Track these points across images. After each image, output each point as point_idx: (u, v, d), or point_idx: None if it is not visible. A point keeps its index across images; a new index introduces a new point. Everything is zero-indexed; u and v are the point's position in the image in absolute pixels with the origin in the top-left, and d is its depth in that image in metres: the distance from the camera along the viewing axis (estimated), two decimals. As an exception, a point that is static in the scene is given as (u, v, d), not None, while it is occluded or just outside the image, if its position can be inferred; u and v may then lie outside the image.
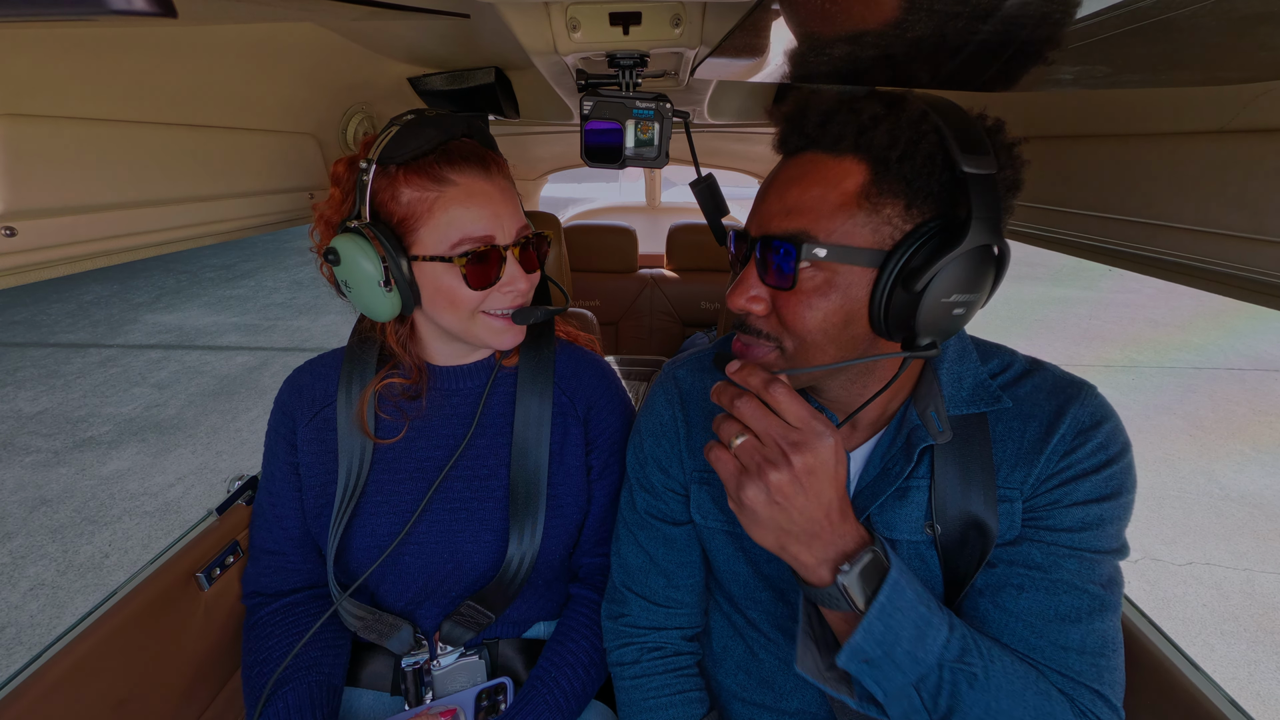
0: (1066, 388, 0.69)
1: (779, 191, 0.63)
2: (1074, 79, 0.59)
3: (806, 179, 0.61)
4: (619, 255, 2.84)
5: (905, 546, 0.72)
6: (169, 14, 0.36)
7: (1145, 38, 0.40)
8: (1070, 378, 0.71)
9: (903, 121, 0.57)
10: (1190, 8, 0.34)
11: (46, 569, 2.80)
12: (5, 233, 0.55)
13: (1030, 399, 0.70)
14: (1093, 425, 0.66)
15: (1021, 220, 0.91)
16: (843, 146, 0.59)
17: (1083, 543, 0.65)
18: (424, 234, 0.78)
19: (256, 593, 0.97)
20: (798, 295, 0.62)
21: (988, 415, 0.70)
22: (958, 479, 0.69)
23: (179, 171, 0.75)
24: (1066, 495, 0.65)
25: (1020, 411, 0.69)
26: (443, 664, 0.93)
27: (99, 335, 5.71)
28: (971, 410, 0.70)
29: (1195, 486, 3.39)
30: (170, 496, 3.30)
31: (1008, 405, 0.69)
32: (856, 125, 0.59)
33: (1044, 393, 0.70)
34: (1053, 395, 0.69)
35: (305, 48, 0.86)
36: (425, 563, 0.90)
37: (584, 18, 0.72)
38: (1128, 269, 0.78)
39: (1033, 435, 0.68)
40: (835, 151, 0.60)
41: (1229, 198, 0.58)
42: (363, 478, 0.90)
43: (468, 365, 0.96)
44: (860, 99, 0.61)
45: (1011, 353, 0.76)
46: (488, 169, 0.81)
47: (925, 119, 0.57)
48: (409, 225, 0.78)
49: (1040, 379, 0.71)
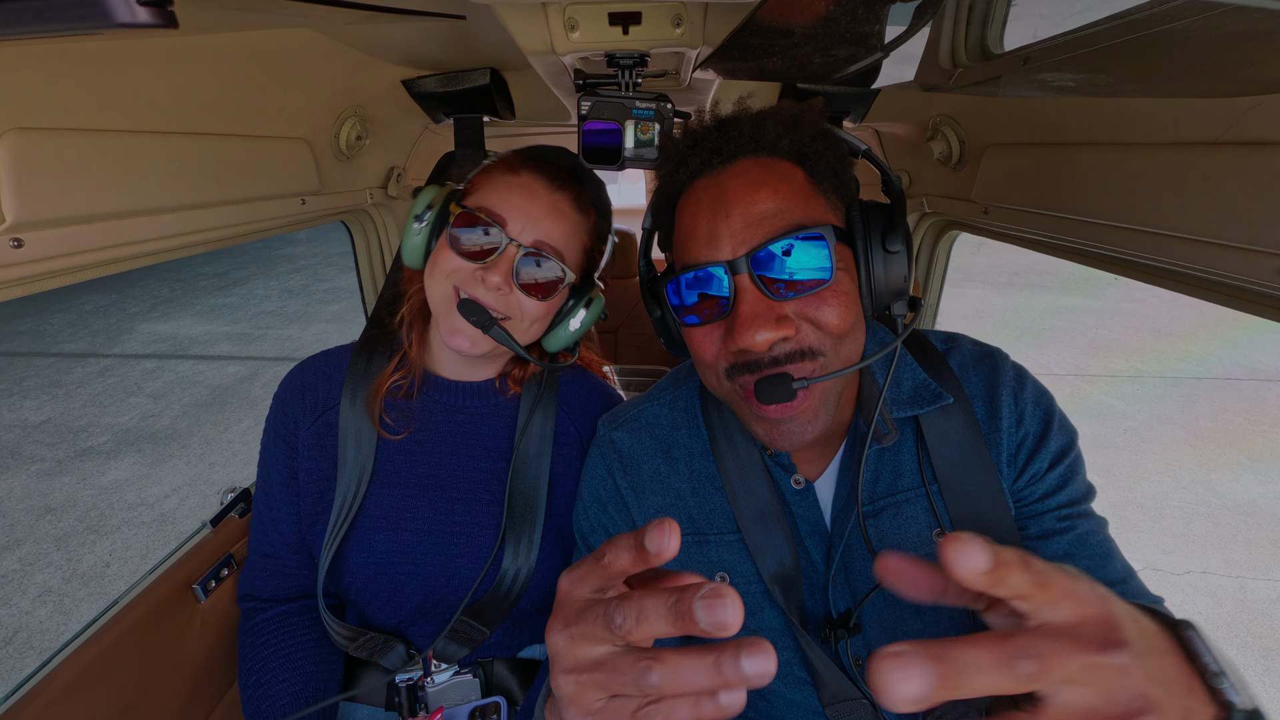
0: (984, 358, 0.73)
1: (742, 201, 0.59)
2: (1076, 86, 0.59)
3: (766, 180, 0.60)
4: (618, 259, 2.78)
5: None
6: (171, 25, 0.36)
7: (1142, 49, 0.41)
8: (983, 347, 0.75)
9: (808, 119, 0.63)
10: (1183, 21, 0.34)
11: (53, 576, 2.82)
12: (13, 244, 0.56)
13: (962, 378, 0.72)
14: (1020, 385, 0.70)
15: (1028, 226, 0.91)
16: (780, 148, 0.63)
17: (1067, 499, 0.68)
18: (471, 197, 0.84)
19: (251, 595, 0.96)
20: (834, 286, 0.59)
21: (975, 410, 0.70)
22: (961, 475, 0.68)
23: (179, 180, 0.75)
24: (1040, 464, 0.68)
25: (966, 394, 0.71)
26: (437, 681, 0.92)
27: (97, 345, 5.71)
28: (915, 411, 0.69)
29: (1194, 496, 3.43)
30: (166, 507, 3.33)
31: (948, 401, 0.69)
32: (785, 126, 0.63)
33: (970, 368, 0.73)
34: (978, 369, 0.72)
35: (301, 53, 0.86)
36: (420, 584, 0.88)
37: (582, 18, 0.72)
38: (1134, 278, 0.79)
39: (982, 414, 0.70)
40: (774, 153, 0.63)
41: (1224, 208, 0.59)
42: (364, 487, 0.88)
43: (474, 384, 0.94)
44: (771, 109, 0.65)
45: (929, 334, 0.78)
46: (556, 183, 0.83)
47: (820, 115, 0.64)
48: (474, 187, 0.85)
49: (959, 356, 0.74)
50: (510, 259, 0.79)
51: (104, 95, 0.63)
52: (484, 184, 0.84)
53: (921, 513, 0.69)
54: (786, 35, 0.61)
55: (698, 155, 0.64)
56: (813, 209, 0.61)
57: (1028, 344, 5.70)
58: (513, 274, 0.79)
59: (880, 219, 0.62)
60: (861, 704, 0.70)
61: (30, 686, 0.77)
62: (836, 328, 0.59)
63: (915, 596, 0.33)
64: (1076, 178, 0.79)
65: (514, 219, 0.80)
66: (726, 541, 0.74)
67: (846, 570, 0.71)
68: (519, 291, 0.80)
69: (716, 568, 0.74)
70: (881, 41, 0.56)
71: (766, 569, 0.70)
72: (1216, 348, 5.61)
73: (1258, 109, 0.56)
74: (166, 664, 0.94)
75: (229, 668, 1.06)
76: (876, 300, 0.63)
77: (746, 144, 0.62)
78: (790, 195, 0.60)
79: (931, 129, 1.10)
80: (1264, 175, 0.55)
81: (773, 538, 0.70)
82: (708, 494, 0.75)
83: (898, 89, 0.97)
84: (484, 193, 0.82)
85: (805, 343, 0.59)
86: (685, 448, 0.78)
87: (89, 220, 0.63)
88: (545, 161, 0.86)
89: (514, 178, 0.83)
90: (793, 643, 0.72)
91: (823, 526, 0.72)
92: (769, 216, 0.59)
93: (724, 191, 0.61)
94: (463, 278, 0.80)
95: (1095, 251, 0.80)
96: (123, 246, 0.69)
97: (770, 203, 0.59)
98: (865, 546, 0.70)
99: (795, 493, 0.72)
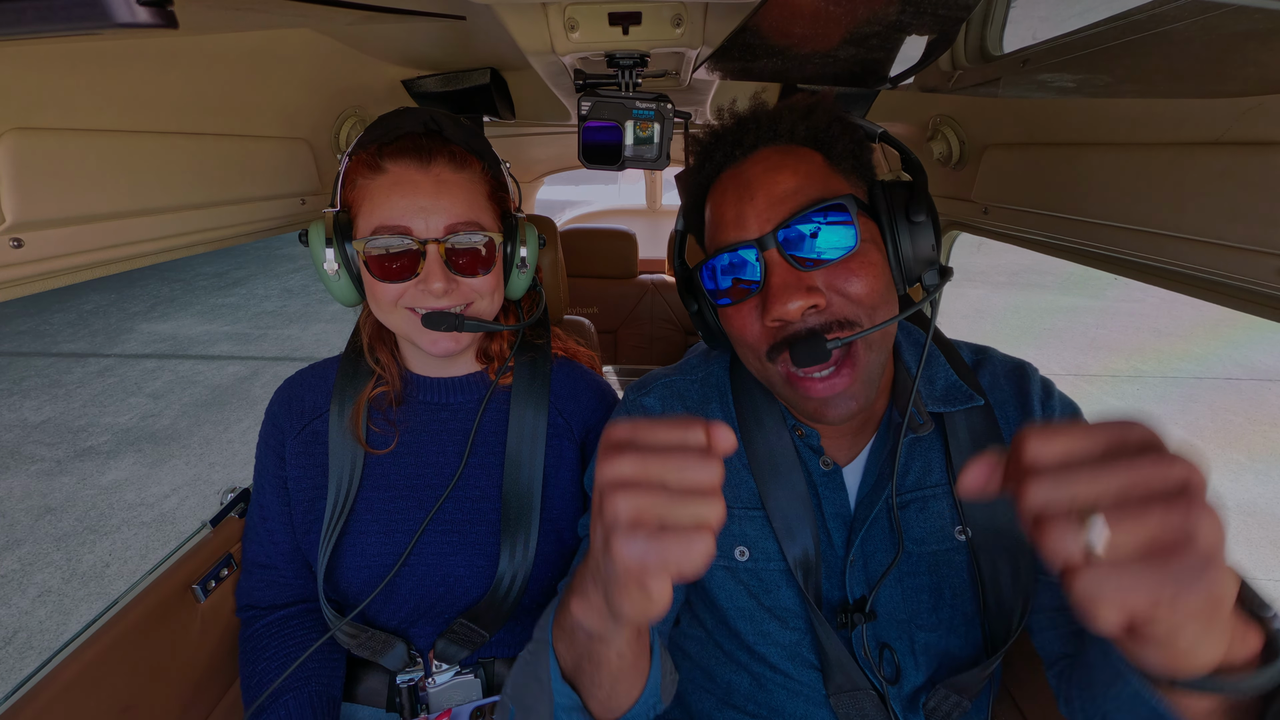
0: (1015, 370, 0.75)
1: (765, 184, 0.63)
2: (1076, 86, 0.59)
3: (786, 163, 0.63)
4: (618, 260, 2.72)
5: (939, 555, 0.71)
6: (171, 25, 0.36)
7: (1142, 49, 0.41)
8: (1013, 360, 0.76)
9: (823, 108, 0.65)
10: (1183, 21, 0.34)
11: (52, 577, 2.82)
12: (13, 244, 0.56)
13: (993, 388, 0.74)
14: (1047, 395, 0.71)
15: (1028, 226, 0.91)
16: (797, 136, 0.65)
17: None
18: (359, 220, 0.79)
19: (250, 605, 0.96)
20: (859, 255, 0.61)
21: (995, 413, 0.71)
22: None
23: (179, 180, 0.75)
24: None
25: (996, 402, 0.72)
26: (438, 682, 0.92)
27: (97, 345, 5.70)
28: (947, 409, 0.71)
29: None
30: (166, 508, 3.32)
31: (980, 403, 0.71)
32: (800, 115, 0.65)
33: (1001, 379, 0.74)
34: (1009, 379, 0.74)
35: (301, 53, 0.86)
36: (417, 585, 0.88)
37: (582, 18, 0.72)
38: (1134, 278, 0.79)
39: (1014, 422, 0.71)
40: (791, 141, 0.65)
41: (1224, 209, 0.59)
42: (353, 493, 0.88)
43: (456, 379, 0.94)
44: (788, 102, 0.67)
45: (959, 345, 0.79)
46: (425, 160, 0.77)
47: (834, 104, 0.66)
48: (353, 211, 0.80)
49: (990, 367, 0.76)
50: (437, 259, 0.77)
51: (104, 95, 0.63)
52: (361, 198, 0.79)
53: (947, 509, 0.71)
54: (786, 35, 0.61)
55: (720, 150, 0.67)
56: (833, 184, 0.64)
57: (1028, 344, 5.69)
58: (446, 269, 0.78)
59: (903, 194, 0.64)
60: (868, 694, 0.70)
61: (30, 686, 0.77)
62: (866, 297, 0.61)
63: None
64: (1076, 178, 0.79)
65: (412, 219, 0.77)
66: (750, 517, 0.74)
67: (865, 557, 0.72)
68: (462, 278, 0.80)
69: (739, 541, 0.74)
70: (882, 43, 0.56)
71: (790, 550, 0.71)
72: (1216, 348, 5.61)
73: (1258, 109, 0.56)
74: (166, 664, 0.94)
75: (229, 668, 1.06)
76: (906, 272, 0.65)
77: (765, 134, 0.65)
78: (810, 174, 0.63)
79: (931, 129, 1.10)
80: (1264, 175, 0.55)
81: (797, 518, 0.72)
82: (735, 469, 0.76)
83: (898, 89, 0.97)
84: (367, 209, 0.78)
85: (837, 313, 0.61)
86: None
87: (89, 220, 0.63)
88: (399, 142, 0.78)
89: (383, 177, 0.77)
90: (805, 624, 0.73)
91: (846, 510, 0.73)
92: (791, 194, 0.62)
93: (747, 178, 0.64)
94: (409, 297, 0.79)
95: (1095, 251, 0.80)
96: (123, 246, 0.69)
97: (791, 182, 0.62)
98: (886, 535, 0.71)
99: (822, 474, 0.73)
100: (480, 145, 0.85)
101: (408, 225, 0.76)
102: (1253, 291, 0.62)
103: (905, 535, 0.70)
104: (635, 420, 0.40)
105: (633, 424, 0.40)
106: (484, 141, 0.87)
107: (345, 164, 0.80)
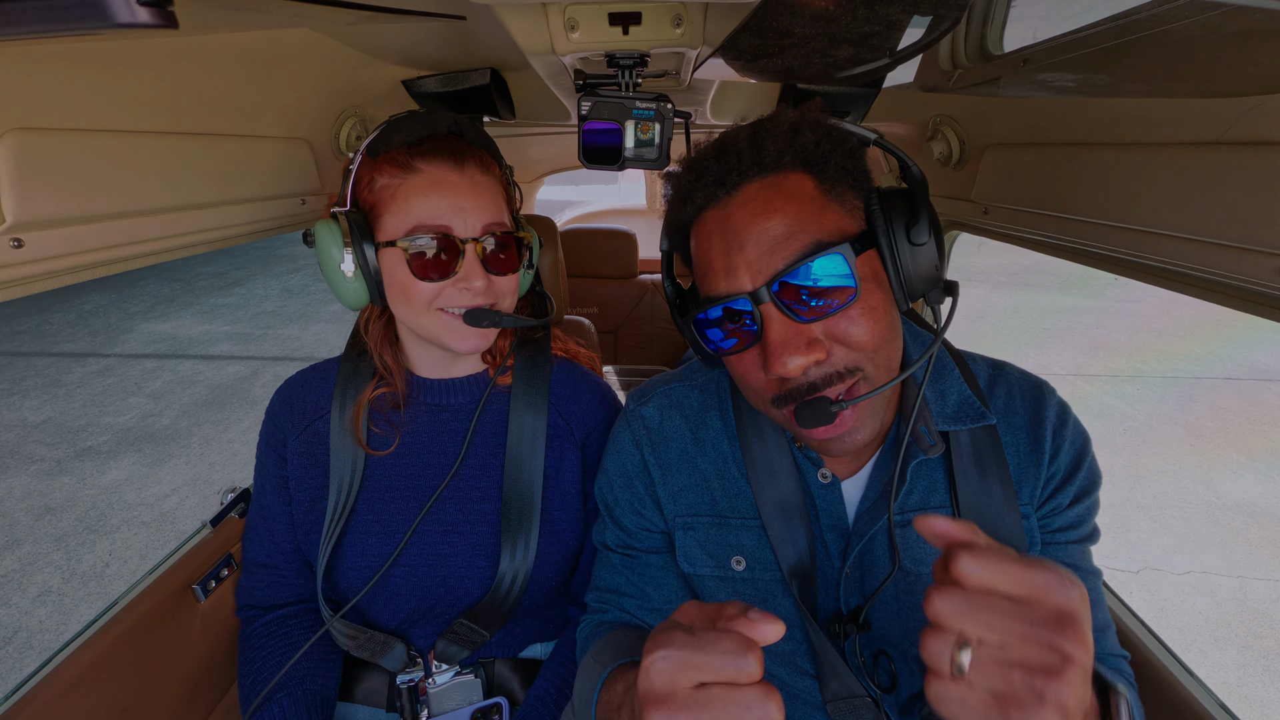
0: (1032, 390, 0.72)
1: (755, 229, 0.58)
2: (1076, 86, 0.59)
3: (774, 202, 0.59)
4: (618, 260, 2.71)
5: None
6: (171, 25, 0.36)
7: (1142, 49, 0.41)
8: (1031, 379, 0.74)
9: (809, 122, 0.61)
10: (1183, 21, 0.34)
11: (52, 577, 2.82)
12: (13, 244, 0.56)
13: (1008, 409, 0.72)
14: (1061, 423, 0.70)
15: (1028, 226, 0.91)
16: (785, 162, 0.60)
17: (1076, 536, 0.70)
18: (387, 220, 0.78)
19: (250, 605, 0.96)
20: (860, 301, 0.58)
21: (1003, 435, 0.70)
22: (981, 499, 0.68)
23: (179, 180, 0.75)
24: (1062, 500, 0.69)
25: (1010, 425, 0.71)
26: (438, 682, 0.92)
27: (97, 345, 5.71)
28: (959, 426, 0.69)
29: (1195, 496, 3.43)
30: (166, 507, 3.32)
31: (991, 422, 0.69)
32: (786, 138, 0.60)
33: (1016, 399, 0.72)
34: (1024, 401, 0.72)
35: (301, 53, 0.86)
36: (417, 585, 0.88)
37: (582, 18, 0.72)
38: (1134, 278, 0.79)
39: (1025, 447, 0.70)
40: (779, 169, 0.61)
41: (1223, 208, 0.59)
42: (353, 493, 0.88)
43: (457, 380, 0.94)
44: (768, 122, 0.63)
45: (973, 358, 0.77)
46: (460, 161, 0.79)
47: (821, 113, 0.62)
48: (377, 212, 0.79)
49: (1006, 385, 0.73)
50: (475, 257, 0.79)
51: (104, 95, 0.63)
52: (386, 199, 0.78)
53: None
54: (786, 35, 0.61)
55: (702, 189, 0.63)
56: (827, 220, 0.59)
57: (1028, 344, 5.70)
58: (484, 268, 0.80)
59: (902, 207, 0.59)
60: (864, 702, 0.70)
61: (30, 686, 0.77)
62: (868, 344, 0.58)
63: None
64: (1076, 178, 0.79)
65: (452, 218, 0.77)
66: (747, 526, 0.74)
67: (862, 570, 0.72)
68: (496, 276, 0.82)
69: (735, 551, 0.74)
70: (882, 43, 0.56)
71: (785, 559, 0.71)
72: (1216, 348, 5.61)
73: (1258, 109, 0.56)
74: (166, 664, 0.94)
75: (229, 668, 1.06)
76: (910, 291, 0.61)
77: (749, 167, 0.60)
78: (801, 213, 0.58)
79: (931, 129, 1.11)
80: (1264, 175, 0.55)
81: (793, 529, 0.71)
82: (733, 478, 0.76)
83: (898, 89, 0.97)
84: (397, 209, 0.77)
85: (838, 364, 0.59)
86: (714, 430, 0.78)
87: (89, 220, 0.63)
88: (429, 142, 0.78)
89: (417, 177, 0.77)
90: (801, 634, 0.72)
91: (844, 523, 0.72)
92: (782, 241, 0.57)
93: (733, 223, 0.59)
94: (444, 297, 0.79)
95: (1095, 251, 0.80)
96: (123, 246, 0.69)
97: (781, 226, 0.58)
98: (884, 552, 0.70)
99: (821, 486, 0.73)
100: (496, 150, 0.87)
101: (448, 224, 0.77)
102: (1253, 291, 0.62)
103: (903, 554, 0.69)
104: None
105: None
106: (493, 142, 0.88)
107: (358, 164, 0.80)
